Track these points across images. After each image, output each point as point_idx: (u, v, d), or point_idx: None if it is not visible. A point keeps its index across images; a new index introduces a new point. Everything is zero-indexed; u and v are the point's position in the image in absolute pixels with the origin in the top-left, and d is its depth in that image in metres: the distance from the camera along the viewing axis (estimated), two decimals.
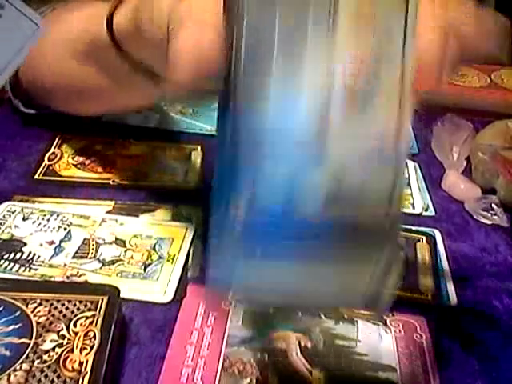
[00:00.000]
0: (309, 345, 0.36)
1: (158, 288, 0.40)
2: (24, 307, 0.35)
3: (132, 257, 0.42)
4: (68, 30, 0.47)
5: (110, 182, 0.51)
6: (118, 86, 0.44)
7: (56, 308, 0.35)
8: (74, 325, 0.34)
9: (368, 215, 0.26)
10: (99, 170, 0.52)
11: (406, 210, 0.51)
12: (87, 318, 0.34)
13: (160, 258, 0.42)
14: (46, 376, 0.31)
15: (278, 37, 0.24)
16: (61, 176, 0.51)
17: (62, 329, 0.34)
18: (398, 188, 0.26)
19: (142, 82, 0.39)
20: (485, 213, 0.51)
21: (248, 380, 0.34)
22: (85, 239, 0.43)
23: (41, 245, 0.42)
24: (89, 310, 0.35)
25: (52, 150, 0.54)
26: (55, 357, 0.32)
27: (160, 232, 0.45)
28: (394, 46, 0.25)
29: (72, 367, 0.32)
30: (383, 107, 0.25)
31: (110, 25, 0.37)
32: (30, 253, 0.42)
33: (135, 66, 0.38)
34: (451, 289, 0.43)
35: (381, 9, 0.25)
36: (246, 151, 0.25)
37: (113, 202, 0.48)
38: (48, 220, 0.45)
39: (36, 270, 0.40)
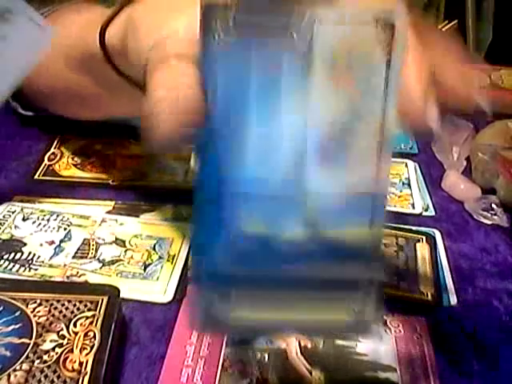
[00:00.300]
0: (309, 345, 0.36)
1: (158, 288, 0.40)
2: (24, 307, 0.35)
3: (132, 257, 0.42)
4: (64, 36, 0.47)
5: (110, 182, 0.51)
6: (111, 95, 0.44)
7: (56, 308, 0.35)
8: (74, 325, 0.34)
9: (344, 266, 0.27)
10: (99, 170, 0.52)
11: (406, 210, 0.51)
12: (87, 318, 0.34)
13: (160, 258, 0.42)
14: (45, 376, 0.31)
15: (252, 91, 0.24)
16: (61, 176, 0.51)
17: (62, 329, 0.34)
18: (375, 237, 0.26)
19: (135, 93, 0.38)
20: (485, 213, 0.51)
21: (248, 380, 0.34)
22: (85, 239, 0.43)
23: (41, 245, 0.42)
24: (89, 310, 0.35)
25: (52, 150, 0.54)
26: (55, 357, 0.32)
27: (160, 232, 0.45)
28: (373, 97, 0.25)
29: (72, 367, 0.32)
30: (360, 159, 0.25)
31: (103, 38, 0.37)
32: (29, 253, 0.42)
33: (126, 79, 0.38)
34: (451, 289, 0.43)
35: (359, 61, 0.25)
36: (221, 202, 0.25)
37: (113, 202, 0.48)
38: (48, 220, 0.45)
39: (36, 270, 0.40)
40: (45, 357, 0.32)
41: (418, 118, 0.26)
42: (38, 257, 0.41)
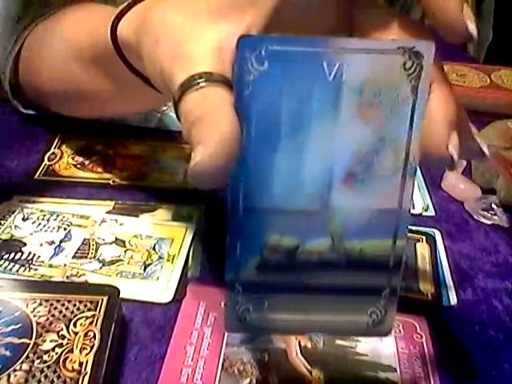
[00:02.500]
0: (309, 345, 0.36)
1: (158, 288, 0.40)
2: (24, 307, 0.35)
3: (132, 257, 0.42)
4: (74, 32, 0.47)
5: (110, 181, 0.51)
6: (120, 92, 0.44)
7: (56, 308, 0.35)
8: (74, 325, 0.34)
9: (367, 275, 0.29)
10: (99, 169, 0.52)
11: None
12: (87, 318, 0.34)
13: (160, 258, 0.42)
14: (45, 376, 0.31)
15: (283, 117, 0.26)
16: (61, 176, 0.51)
17: (62, 329, 0.34)
18: (398, 249, 0.28)
19: (146, 89, 0.38)
20: (485, 213, 0.51)
21: (248, 380, 0.34)
22: (85, 239, 0.43)
23: (41, 245, 0.42)
24: (89, 310, 0.35)
25: (52, 150, 0.54)
26: (55, 357, 0.32)
27: (160, 232, 0.45)
28: (400, 123, 0.26)
29: (72, 367, 0.32)
30: (385, 179, 0.27)
31: (115, 32, 0.37)
32: (29, 253, 0.42)
33: (137, 74, 0.38)
34: (451, 289, 0.43)
35: (387, 89, 0.26)
36: (254, 220, 0.27)
37: (113, 202, 0.48)
38: (48, 220, 0.45)
39: (36, 270, 0.40)
40: (45, 357, 0.32)
41: (441, 148, 0.26)
42: (38, 257, 0.41)
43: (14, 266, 0.40)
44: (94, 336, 0.33)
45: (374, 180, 0.27)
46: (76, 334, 0.33)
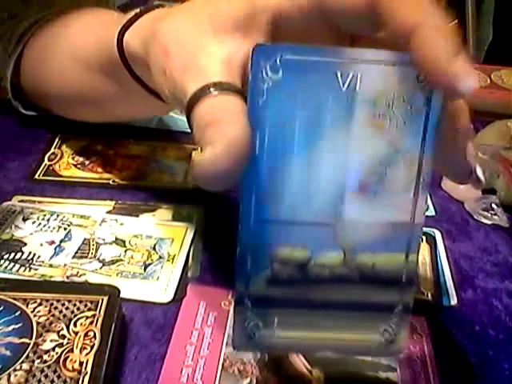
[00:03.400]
0: None
1: (158, 288, 0.40)
2: (24, 307, 0.35)
3: (132, 257, 0.42)
4: (77, 40, 0.47)
5: (110, 181, 0.51)
6: (125, 99, 0.44)
7: (56, 308, 0.35)
8: (74, 325, 0.34)
9: (380, 290, 0.29)
10: (99, 169, 0.52)
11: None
12: (87, 317, 0.34)
13: (160, 257, 0.42)
14: (46, 376, 0.31)
15: (297, 126, 0.26)
16: (61, 176, 0.51)
17: (62, 329, 0.34)
18: (410, 264, 0.28)
19: (150, 98, 0.38)
20: (485, 213, 0.51)
21: (248, 380, 0.34)
22: (85, 239, 0.43)
23: (41, 245, 0.42)
24: (89, 309, 0.35)
25: (52, 150, 0.54)
26: (55, 357, 0.32)
27: (160, 232, 0.45)
28: (413, 134, 0.26)
29: (72, 367, 0.32)
30: (398, 191, 0.27)
31: (121, 42, 0.37)
32: (30, 253, 0.42)
33: (142, 85, 0.38)
34: (451, 289, 0.43)
35: (400, 99, 0.26)
36: (265, 232, 0.27)
37: (113, 202, 0.48)
38: (48, 220, 0.45)
39: (36, 269, 0.40)
40: (45, 356, 0.32)
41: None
42: (38, 257, 0.41)
43: (14, 265, 0.40)
44: (95, 336, 0.33)
45: (386, 192, 0.27)
46: (76, 333, 0.33)
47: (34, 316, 0.34)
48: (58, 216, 0.45)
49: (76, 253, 0.42)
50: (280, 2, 0.29)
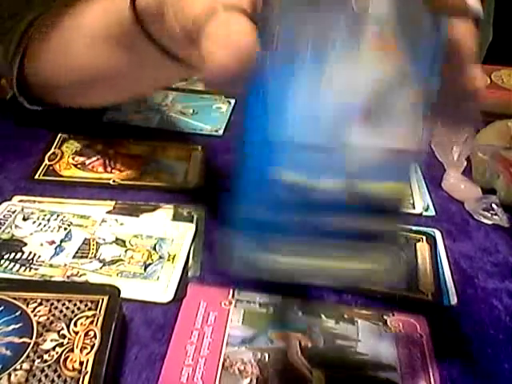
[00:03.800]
0: (309, 345, 0.36)
1: (159, 288, 0.40)
2: (24, 307, 0.35)
3: (132, 257, 0.42)
4: (87, 14, 0.46)
5: (110, 181, 0.51)
6: (140, 67, 0.44)
7: (56, 308, 0.35)
8: (75, 324, 0.34)
9: (374, 218, 0.28)
10: (99, 170, 0.52)
11: (406, 210, 0.51)
12: (88, 317, 0.34)
13: (160, 257, 0.42)
14: (46, 375, 0.31)
15: (306, 46, 0.25)
16: (61, 176, 0.51)
17: (63, 328, 0.34)
18: (405, 192, 0.28)
19: (165, 65, 0.38)
20: (485, 213, 0.51)
21: (248, 380, 0.34)
22: (85, 239, 0.43)
23: (41, 245, 0.42)
24: (89, 309, 0.35)
25: (52, 149, 0.54)
26: (56, 356, 0.32)
27: (160, 232, 0.45)
28: (420, 60, 0.26)
29: (72, 367, 0.32)
30: (400, 118, 0.26)
31: (134, 4, 0.37)
32: (30, 253, 0.42)
33: (160, 48, 0.38)
34: (451, 289, 0.43)
35: (409, 24, 0.26)
36: (263, 150, 0.26)
37: (113, 202, 0.48)
38: (48, 220, 0.45)
39: (36, 269, 0.40)
40: (45, 356, 0.32)
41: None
42: (39, 256, 0.41)
43: (14, 265, 0.40)
44: (95, 335, 0.33)
45: (390, 117, 0.26)
46: (76, 333, 0.33)
47: (35, 316, 0.34)
48: (58, 216, 0.45)
49: (76, 253, 0.42)
50: None
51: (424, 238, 0.47)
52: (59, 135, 0.56)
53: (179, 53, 0.37)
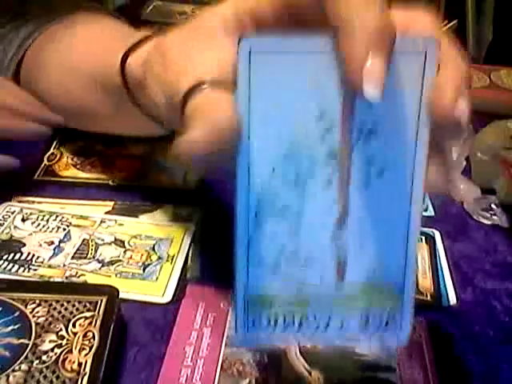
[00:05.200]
0: (308, 345, 0.36)
1: (157, 288, 0.40)
2: (23, 308, 0.35)
3: (131, 257, 0.42)
4: (80, 53, 0.46)
5: (110, 182, 0.51)
6: (121, 116, 0.44)
7: (55, 308, 0.35)
8: (73, 325, 0.34)
9: None
10: (99, 170, 0.52)
11: None
12: (86, 318, 0.34)
13: (159, 258, 0.42)
14: (44, 377, 0.31)
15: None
16: (60, 176, 0.51)
17: (61, 329, 0.34)
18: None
19: (149, 121, 0.38)
20: (484, 213, 0.51)
21: (247, 380, 0.34)
22: (84, 240, 0.43)
23: (40, 245, 0.42)
24: (88, 310, 0.35)
25: (51, 150, 0.54)
26: (54, 357, 0.32)
27: (159, 232, 0.45)
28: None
29: (71, 368, 0.32)
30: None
31: (124, 64, 0.37)
32: (29, 253, 0.42)
33: (140, 109, 0.38)
34: (451, 289, 0.43)
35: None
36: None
37: (112, 203, 0.48)
38: (47, 220, 0.45)
39: (35, 270, 0.40)
40: (44, 357, 0.32)
41: (448, 113, 0.26)
42: (38, 257, 0.41)
43: (13, 266, 0.40)
44: (93, 336, 0.33)
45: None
46: (75, 334, 0.33)
47: (33, 317, 0.34)
48: (57, 216, 0.45)
49: (75, 253, 0.42)
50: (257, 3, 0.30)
51: (423, 238, 0.47)
52: (59, 136, 0.56)
53: (162, 119, 0.37)
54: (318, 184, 0.26)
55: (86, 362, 0.32)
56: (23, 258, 0.41)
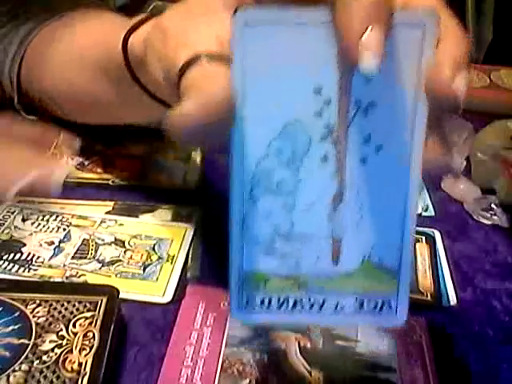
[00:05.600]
0: (308, 345, 0.36)
1: (158, 288, 0.40)
2: (23, 308, 0.35)
3: (131, 257, 0.42)
4: (81, 44, 0.47)
5: (110, 182, 0.51)
6: (129, 103, 0.44)
7: (55, 309, 0.35)
8: (74, 325, 0.34)
9: None
10: (99, 170, 0.52)
11: None
12: (86, 318, 0.34)
13: (159, 258, 0.42)
14: (45, 377, 0.31)
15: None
16: None
17: (62, 329, 0.34)
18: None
19: (151, 104, 0.38)
20: (484, 213, 0.51)
21: (247, 380, 0.34)
22: (84, 240, 0.43)
23: (40, 245, 0.42)
24: (88, 310, 0.35)
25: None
26: (54, 357, 0.32)
27: (159, 232, 0.45)
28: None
29: (71, 368, 0.32)
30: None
31: (126, 44, 0.37)
32: (29, 253, 0.42)
33: (143, 88, 0.38)
34: (451, 289, 0.43)
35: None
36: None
37: (112, 203, 0.48)
38: (47, 220, 0.45)
39: (35, 270, 0.40)
40: (44, 357, 0.32)
41: (446, 86, 0.26)
42: (38, 257, 0.41)
43: (13, 266, 0.40)
44: (94, 336, 0.33)
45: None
46: (75, 334, 0.33)
47: (33, 317, 0.34)
48: (57, 216, 0.45)
49: (75, 253, 0.42)
50: None
51: (423, 238, 0.47)
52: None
53: (164, 98, 0.37)
54: (314, 160, 0.26)
55: (86, 362, 0.32)
56: (23, 258, 0.41)
